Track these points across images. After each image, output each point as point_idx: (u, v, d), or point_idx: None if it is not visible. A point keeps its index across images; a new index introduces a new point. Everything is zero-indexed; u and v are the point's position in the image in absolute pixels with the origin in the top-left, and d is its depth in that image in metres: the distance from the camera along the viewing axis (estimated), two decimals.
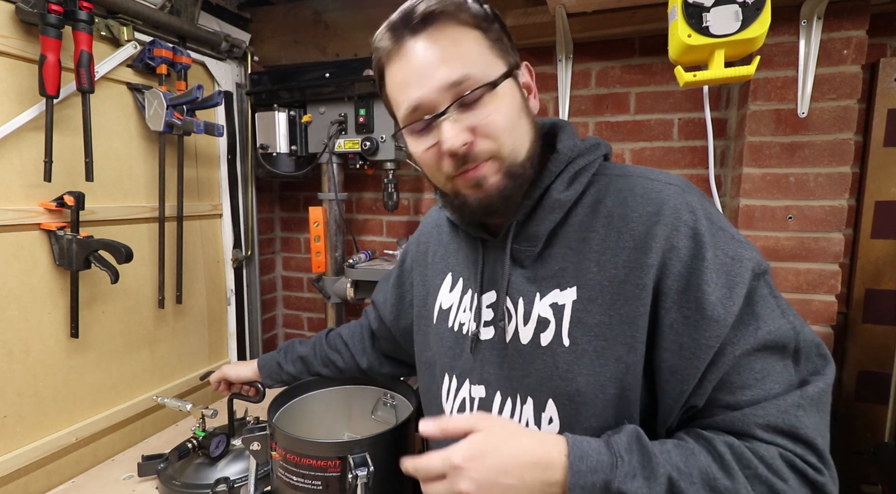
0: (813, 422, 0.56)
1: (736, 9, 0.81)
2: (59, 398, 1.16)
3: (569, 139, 0.63)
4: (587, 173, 0.62)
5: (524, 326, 0.62)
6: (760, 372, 0.54)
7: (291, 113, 1.57)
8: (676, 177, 0.61)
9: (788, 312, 0.57)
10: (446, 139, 0.56)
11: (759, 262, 0.56)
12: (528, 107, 0.60)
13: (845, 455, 1.34)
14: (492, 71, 0.56)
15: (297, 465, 0.84)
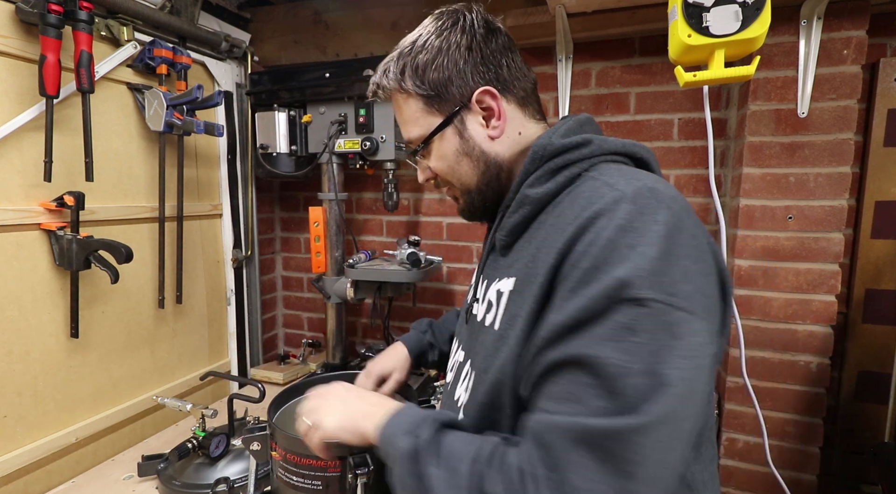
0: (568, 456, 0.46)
1: (736, 9, 0.81)
2: (59, 398, 1.16)
3: (545, 137, 0.63)
4: (568, 172, 0.60)
5: (481, 305, 0.70)
6: (571, 397, 0.49)
7: (291, 113, 1.57)
8: (638, 185, 0.54)
9: (637, 351, 0.46)
10: (418, 174, 0.76)
11: (632, 285, 0.47)
12: (470, 145, 0.67)
13: (845, 455, 1.34)
14: (427, 127, 0.67)
15: (297, 465, 0.84)
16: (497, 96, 0.65)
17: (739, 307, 1.25)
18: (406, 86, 0.66)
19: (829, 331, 1.22)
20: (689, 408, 0.47)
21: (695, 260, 0.51)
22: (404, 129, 0.71)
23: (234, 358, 1.70)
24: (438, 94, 0.65)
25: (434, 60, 0.65)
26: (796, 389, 1.25)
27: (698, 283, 0.50)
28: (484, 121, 0.66)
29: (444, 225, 1.72)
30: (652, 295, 0.47)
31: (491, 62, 0.65)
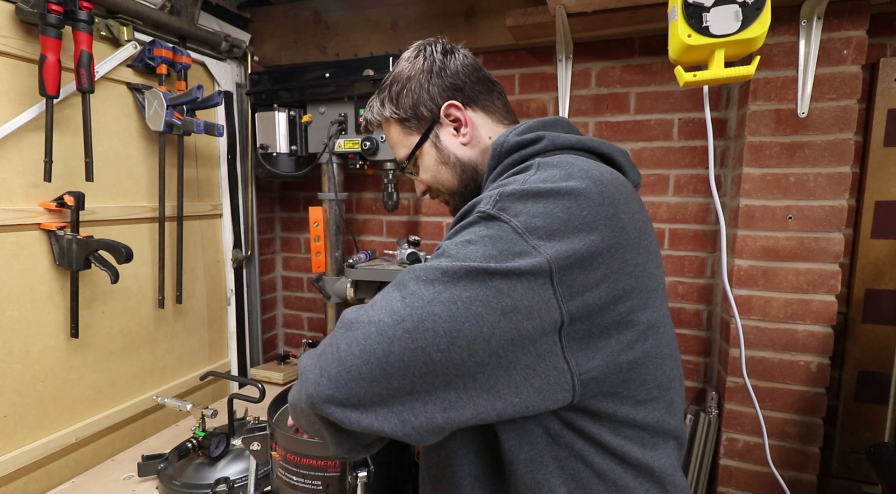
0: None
1: (736, 9, 0.81)
2: (59, 398, 1.16)
3: (502, 136, 0.69)
4: (521, 165, 0.65)
5: None
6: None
7: (291, 113, 1.57)
8: (555, 159, 0.61)
9: (458, 246, 0.54)
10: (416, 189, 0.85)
11: (487, 204, 0.55)
12: (445, 154, 0.75)
13: (845, 455, 1.34)
14: (409, 146, 0.78)
15: (297, 465, 0.84)
16: (461, 107, 0.74)
17: (739, 307, 1.25)
18: (386, 115, 0.78)
19: (829, 331, 1.22)
20: (422, 335, 0.49)
21: (565, 210, 0.53)
22: (395, 152, 0.81)
23: (234, 358, 1.70)
24: (413, 116, 0.76)
25: (405, 88, 0.75)
26: (796, 389, 1.25)
27: (553, 226, 0.52)
28: (455, 130, 0.75)
29: (443, 225, 1.72)
30: (491, 211, 0.54)
31: (451, 80, 0.74)
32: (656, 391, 0.60)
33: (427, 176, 0.79)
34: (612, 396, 0.56)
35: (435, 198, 0.84)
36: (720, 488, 1.33)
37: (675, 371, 0.64)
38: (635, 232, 0.57)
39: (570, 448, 0.58)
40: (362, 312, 0.53)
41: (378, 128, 0.83)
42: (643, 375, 0.58)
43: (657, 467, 0.60)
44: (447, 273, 0.51)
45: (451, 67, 0.75)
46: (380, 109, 0.79)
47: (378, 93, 0.80)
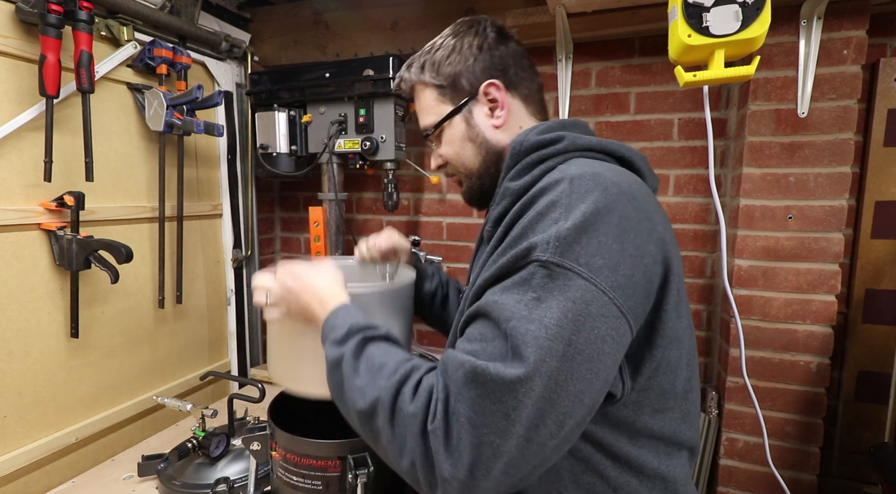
0: (455, 382, 0.52)
1: (736, 9, 0.81)
2: (59, 398, 1.16)
3: (522, 134, 0.68)
4: (543, 166, 0.64)
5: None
6: (478, 338, 0.54)
7: (291, 113, 1.57)
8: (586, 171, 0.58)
9: (528, 307, 0.51)
10: (431, 161, 0.83)
11: (538, 248, 0.52)
12: (475, 132, 0.74)
13: (845, 455, 1.34)
14: (439, 114, 0.76)
15: (297, 465, 0.84)
16: (501, 88, 0.73)
17: (739, 307, 1.25)
18: (424, 78, 0.76)
19: (829, 331, 1.22)
20: (574, 370, 0.49)
21: (617, 239, 0.53)
22: (421, 118, 0.80)
23: (234, 358, 1.70)
24: (451, 85, 0.74)
25: (449, 56, 0.74)
26: (796, 389, 1.25)
27: (613, 260, 0.52)
28: (489, 111, 0.74)
29: (444, 225, 1.72)
30: (552, 259, 0.52)
31: (499, 62, 0.74)
32: (674, 400, 0.61)
33: (449, 150, 0.77)
34: (633, 404, 0.58)
35: (450, 175, 0.82)
36: (720, 488, 1.33)
37: (693, 380, 0.65)
38: (670, 240, 0.59)
39: (587, 462, 0.59)
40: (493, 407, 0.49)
41: (410, 90, 0.81)
42: (663, 384, 0.59)
43: (671, 476, 0.61)
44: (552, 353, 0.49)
45: (501, 48, 0.75)
46: (418, 71, 0.77)
47: (420, 55, 0.78)
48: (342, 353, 0.61)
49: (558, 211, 0.54)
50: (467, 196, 0.81)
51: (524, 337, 0.49)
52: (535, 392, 0.48)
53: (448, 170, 0.81)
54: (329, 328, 0.66)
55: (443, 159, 0.80)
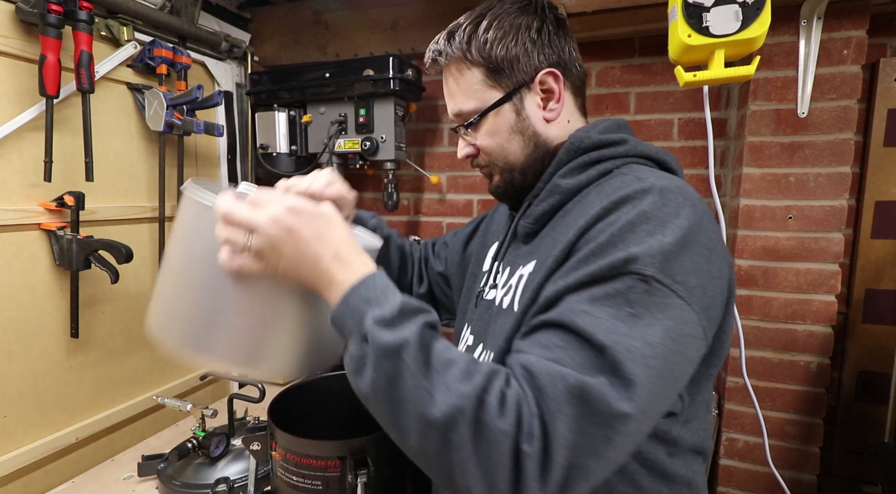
0: (558, 398, 0.45)
1: (736, 9, 0.81)
2: (59, 398, 1.16)
3: (583, 130, 0.65)
4: (600, 167, 0.62)
5: (502, 290, 0.69)
6: (561, 347, 0.49)
7: (291, 113, 1.57)
8: (669, 183, 0.55)
9: (627, 323, 0.47)
10: (458, 149, 0.73)
11: (639, 260, 0.49)
12: (525, 123, 0.67)
13: (845, 455, 1.34)
14: (485, 100, 0.67)
15: (297, 465, 0.84)
16: (560, 78, 0.66)
17: (739, 307, 1.25)
18: (471, 56, 0.66)
19: (829, 331, 1.22)
20: (664, 390, 0.49)
21: (707, 259, 0.52)
22: (455, 101, 0.69)
23: None
24: (503, 69, 0.65)
25: (504, 37, 0.65)
26: (796, 389, 1.25)
27: (704, 281, 0.51)
28: (542, 102, 0.67)
29: (443, 225, 1.72)
30: (656, 274, 0.49)
31: (557, 47, 0.67)
32: (701, 410, 0.62)
33: (491, 142, 0.68)
34: (670, 414, 0.58)
35: (478, 166, 0.73)
36: (720, 488, 1.33)
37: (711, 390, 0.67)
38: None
39: (623, 472, 0.58)
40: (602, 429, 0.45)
41: (445, 64, 0.69)
42: (707, 398, 0.62)
43: (695, 482, 0.63)
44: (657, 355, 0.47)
45: (560, 33, 0.68)
46: (463, 46, 0.66)
47: (465, 28, 0.67)
48: (404, 339, 0.48)
49: (652, 223, 0.51)
50: (500, 190, 0.73)
51: (629, 353, 0.46)
52: (638, 414, 0.45)
53: (479, 160, 0.72)
54: (364, 300, 0.51)
55: (476, 149, 0.71)
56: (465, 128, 0.69)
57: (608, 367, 0.46)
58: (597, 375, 0.45)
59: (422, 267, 1.00)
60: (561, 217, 0.63)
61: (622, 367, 0.45)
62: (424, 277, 0.99)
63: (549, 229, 0.64)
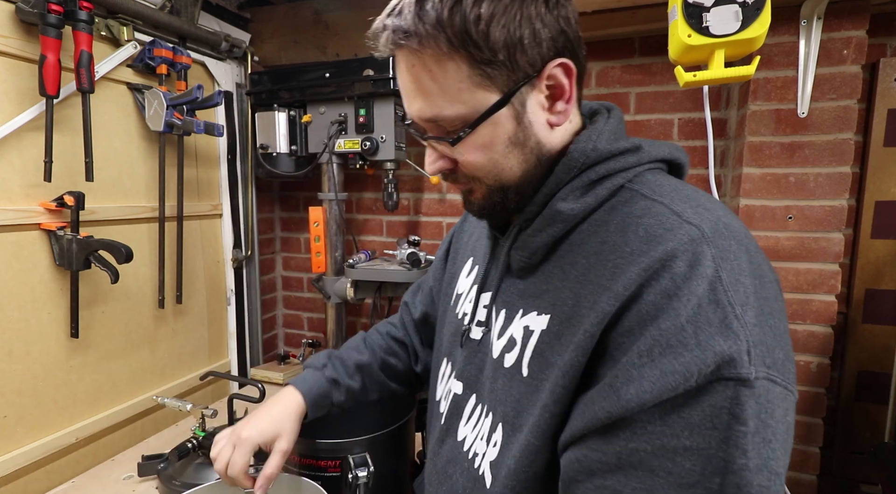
0: None
1: (736, 9, 0.81)
2: (59, 398, 1.16)
3: (588, 140, 0.52)
4: (609, 184, 0.51)
5: (497, 340, 0.59)
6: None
7: (291, 113, 1.57)
8: (713, 218, 0.47)
9: (743, 445, 0.39)
10: (426, 163, 0.55)
11: (735, 363, 0.39)
12: (527, 132, 0.51)
13: (845, 455, 1.34)
14: (475, 105, 0.49)
15: (297, 465, 0.84)
16: (573, 71, 0.50)
17: None
18: (456, 41, 0.46)
19: (829, 331, 1.22)
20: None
21: (780, 317, 0.44)
22: (427, 102, 0.50)
23: (234, 358, 1.70)
24: (501, 61, 0.47)
25: (505, 12, 0.46)
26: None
27: (786, 345, 0.43)
28: (547, 101, 0.51)
29: (443, 225, 1.72)
30: (757, 372, 0.39)
31: (567, 25, 0.49)
32: None
33: (480, 157, 0.52)
34: None
35: (456, 182, 0.56)
36: None
37: None
38: None
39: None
40: None
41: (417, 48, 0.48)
42: None
43: None
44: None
45: (568, 7, 0.50)
46: (445, 24, 0.46)
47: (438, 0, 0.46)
48: None
49: (722, 294, 0.41)
50: (485, 212, 0.58)
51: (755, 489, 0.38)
52: None
53: (457, 177, 0.55)
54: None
55: (454, 164, 0.54)
56: (454, 144, 0.51)
57: None
58: None
59: (410, 362, 0.89)
60: (568, 252, 0.52)
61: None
62: (419, 359, 0.89)
63: (553, 266, 0.54)
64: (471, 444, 0.62)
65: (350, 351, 0.85)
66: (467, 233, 0.79)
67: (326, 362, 0.82)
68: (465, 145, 0.51)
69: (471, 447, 0.62)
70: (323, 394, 0.79)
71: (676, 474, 0.40)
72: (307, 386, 0.78)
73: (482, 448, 0.60)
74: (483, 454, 0.59)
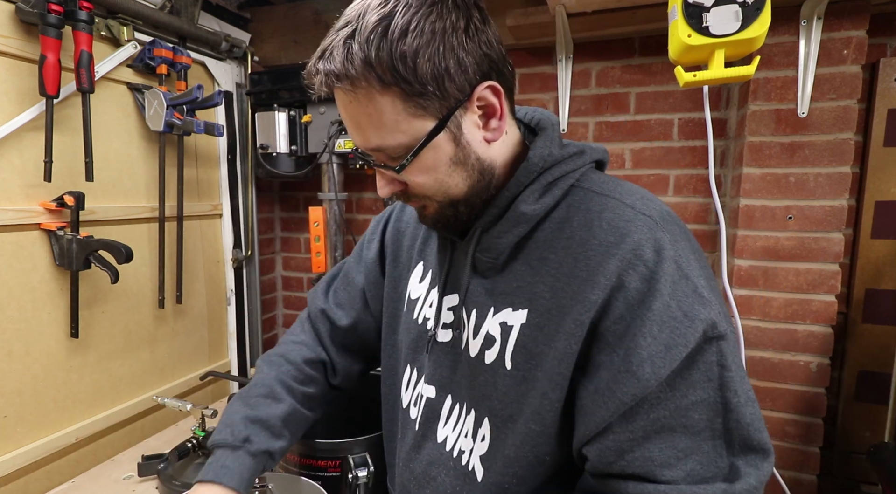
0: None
1: (736, 9, 0.81)
2: (59, 398, 1.16)
3: (544, 146, 0.57)
4: (562, 184, 0.57)
5: (473, 339, 0.61)
6: (684, 449, 0.50)
7: (291, 113, 1.57)
8: (657, 207, 0.56)
9: (733, 387, 0.50)
10: (378, 187, 0.59)
11: (715, 325, 0.49)
12: (466, 152, 0.55)
13: (845, 455, 1.34)
14: (413, 134, 0.52)
15: (297, 465, 0.84)
16: (500, 91, 0.54)
17: (739, 307, 1.25)
18: (385, 78, 0.48)
19: (829, 331, 1.22)
20: None
21: (710, 271, 0.55)
22: (368, 135, 0.53)
23: (234, 358, 1.70)
24: (432, 92, 0.50)
25: (428, 46, 0.48)
26: (796, 389, 1.25)
27: (720, 295, 0.54)
28: (480, 120, 0.55)
29: None
30: (726, 327, 0.51)
31: (487, 49, 0.52)
32: None
33: (426, 179, 0.55)
34: None
35: (409, 201, 0.60)
36: None
37: None
38: None
39: None
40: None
41: (350, 87, 0.50)
42: None
43: None
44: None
45: (489, 30, 0.53)
46: (372, 63, 0.48)
47: (368, 38, 0.48)
48: None
49: (686, 270, 0.51)
50: (440, 224, 0.61)
51: (752, 423, 0.50)
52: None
53: (410, 197, 0.59)
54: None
55: (403, 186, 0.57)
56: (399, 172, 0.55)
57: (739, 445, 0.50)
58: (728, 457, 0.50)
59: (326, 381, 0.81)
60: (534, 249, 0.57)
61: (754, 440, 0.50)
62: (337, 372, 0.82)
63: (521, 264, 0.58)
64: (454, 443, 0.64)
65: (266, 404, 0.72)
66: (406, 236, 0.77)
67: (247, 433, 0.69)
68: (410, 170, 0.55)
69: (454, 445, 0.64)
70: (253, 474, 0.68)
71: (689, 426, 0.49)
72: (236, 478, 0.66)
73: (468, 445, 0.63)
74: (470, 450, 0.62)
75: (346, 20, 0.50)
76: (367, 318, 0.81)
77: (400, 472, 0.71)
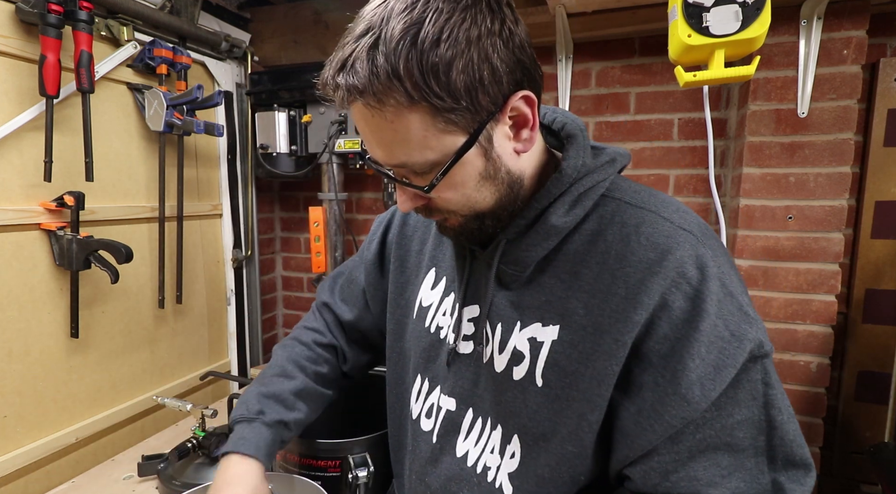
0: None
1: (736, 9, 0.81)
2: (59, 398, 1.16)
3: (577, 156, 0.55)
4: (593, 195, 0.55)
5: (499, 354, 0.59)
6: (728, 467, 0.49)
7: (291, 113, 1.57)
8: (695, 220, 0.54)
9: (777, 404, 0.50)
10: (398, 201, 0.56)
11: (762, 344, 0.49)
12: (496, 165, 0.51)
13: (845, 455, 1.34)
14: (442, 150, 0.48)
15: (297, 465, 0.84)
16: (534, 101, 0.50)
17: None
18: (415, 95, 0.44)
19: (829, 331, 1.22)
20: None
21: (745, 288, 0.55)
22: (396, 151, 0.49)
23: (234, 358, 1.70)
24: (468, 105, 0.46)
25: (462, 56, 0.43)
26: (796, 389, 1.25)
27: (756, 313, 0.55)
28: (511, 131, 0.51)
29: None
30: (769, 345, 0.51)
31: (521, 53, 0.48)
32: None
33: (454, 195, 0.52)
34: None
35: (431, 216, 0.57)
36: None
37: None
38: None
39: None
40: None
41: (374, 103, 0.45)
42: None
43: None
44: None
45: (521, 33, 0.48)
46: (402, 77, 0.43)
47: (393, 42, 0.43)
48: None
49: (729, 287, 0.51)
50: (463, 237, 0.58)
51: (795, 439, 0.50)
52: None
53: (432, 212, 0.56)
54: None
55: (428, 200, 0.54)
56: (428, 191, 0.51)
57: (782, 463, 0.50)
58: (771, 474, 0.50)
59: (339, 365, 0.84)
60: (564, 263, 0.55)
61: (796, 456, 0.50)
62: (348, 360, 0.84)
63: (550, 277, 0.56)
64: (476, 458, 0.62)
65: (279, 381, 0.76)
66: (415, 240, 0.74)
67: (260, 406, 0.72)
68: (437, 187, 0.51)
69: (477, 461, 0.62)
70: (272, 443, 0.71)
71: (734, 444, 0.49)
72: (253, 446, 0.68)
73: (495, 461, 0.60)
74: (497, 466, 0.60)
75: (367, 26, 0.44)
76: (368, 316, 0.83)
77: (413, 485, 0.69)
